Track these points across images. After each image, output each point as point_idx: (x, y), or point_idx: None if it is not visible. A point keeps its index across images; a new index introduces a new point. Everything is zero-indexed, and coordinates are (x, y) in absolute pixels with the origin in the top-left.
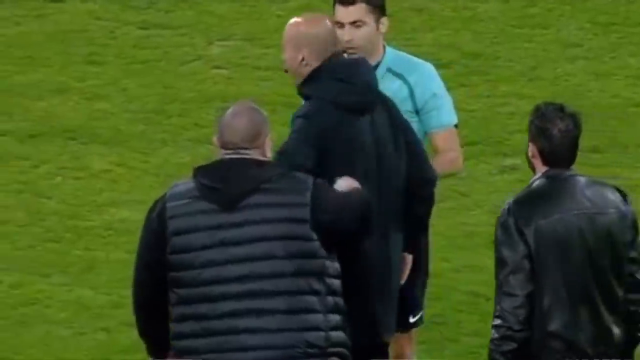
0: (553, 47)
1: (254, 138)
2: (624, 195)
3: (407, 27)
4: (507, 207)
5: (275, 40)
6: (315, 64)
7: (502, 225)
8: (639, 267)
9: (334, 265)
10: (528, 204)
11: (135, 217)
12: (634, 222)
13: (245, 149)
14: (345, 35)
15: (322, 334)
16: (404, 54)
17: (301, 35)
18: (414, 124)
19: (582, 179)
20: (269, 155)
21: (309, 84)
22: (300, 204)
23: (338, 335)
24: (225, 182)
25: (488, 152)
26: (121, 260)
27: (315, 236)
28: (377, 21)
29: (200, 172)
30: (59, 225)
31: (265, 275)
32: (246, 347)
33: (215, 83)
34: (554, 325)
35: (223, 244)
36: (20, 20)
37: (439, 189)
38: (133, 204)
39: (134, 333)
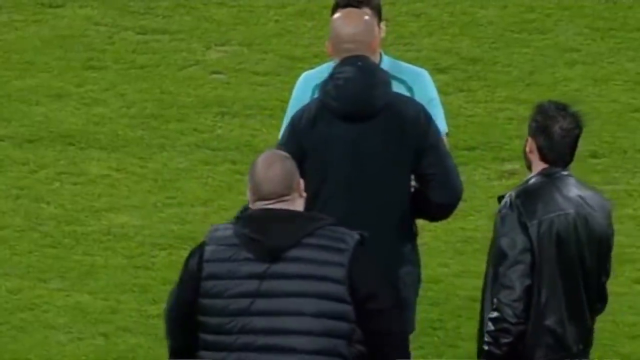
0: (551, 52)
1: (290, 184)
2: (610, 206)
3: (406, 32)
4: (508, 200)
5: (273, 45)
6: (335, 56)
7: (504, 218)
8: (607, 279)
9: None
10: (530, 198)
11: (134, 222)
12: (613, 234)
13: (286, 195)
14: None
15: None
16: (399, 61)
17: (331, 27)
18: None
19: (576, 181)
20: (304, 194)
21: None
22: (337, 263)
23: None
24: (267, 234)
25: (486, 158)
26: (119, 265)
27: (349, 299)
28: (378, 26)
29: (242, 221)
30: (57, 231)
31: (292, 331)
32: None
33: (214, 88)
34: (549, 320)
35: (255, 295)
36: (18, 25)
37: None
38: (131, 209)
39: (132, 338)
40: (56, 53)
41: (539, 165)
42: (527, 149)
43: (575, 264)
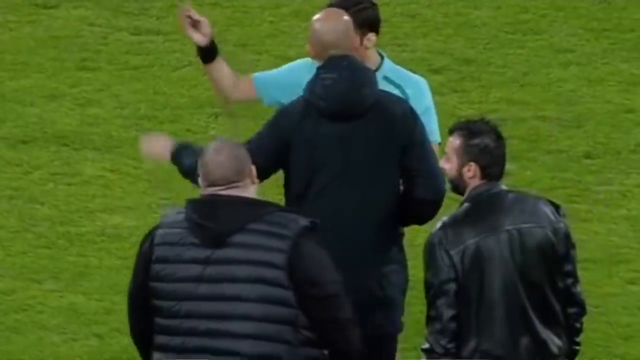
0: (545, 53)
1: (241, 170)
2: (557, 208)
3: (400, 33)
4: (432, 232)
5: (267, 46)
6: (317, 59)
7: (428, 249)
8: (575, 280)
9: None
10: (454, 227)
11: (128, 223)
12: (567, 234)
13: (237, 182)
14: None
15: None
16: (400, 67)
17: (310, 29)
18: None
19: (511, 195)
20: (257, 181)
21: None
22: (279, 249)
23: None
24: (212, 220)
25: None
26: (114, 266)
27: (289, 284)
28: (363, 36)
29: (191, 205)
30: (51, 232)
31: (232, 317)
32: None
33: (207, 89)
34: (487, 345)
35: (199, 279)
36: (12, 26)
37: None
38: (125, 210)
39: (126, 339)
40: (50, 54)
41: (472, 185)
42: (469, 175)
43: (515, 283)
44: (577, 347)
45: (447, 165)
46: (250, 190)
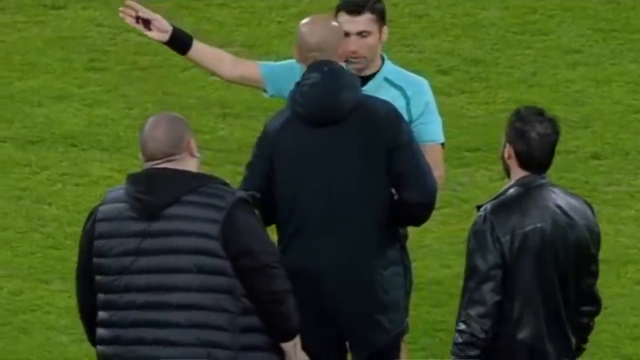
0: (553, 54)
1: (177, 144)
2: (591, 208)
3: (408, 34)
4: (482, 214)
5: (275, 46)
6: (302, 62)
7: (477, 233)
8: (595, 280)
9: None
10: (504, 212)
11: None
12: (599, 235)
13: (173, 155)
14: (351, 45)
15: (228, 352)
16: (401, 68)
17: (297, 34)
18: None
19: (555, 189)
20: (197, 155)
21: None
22: (213, 220)
23: (251, 356)
24: (149, 193)
25: (489, 159)
26: None
27: (224, 254)
28: (380, 30)
29: (129, 180)
30: (59, 232)
31: (170, 288)
32: (150, 358)
33: (215, 89)
34: (523, 334)
35: (137, 253)
36: (21, 26)
37: (440, 196)
38: None
39: None
40: (58, 54)
41: (517, 173)
42: (506, 155)
43: (553, 277)
44: (586, 346)
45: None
46: (190, 163)
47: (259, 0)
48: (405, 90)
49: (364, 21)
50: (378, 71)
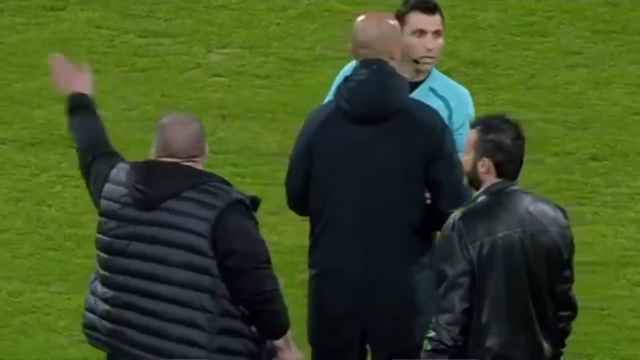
0: (552, 55)
1: (200, 145)
2: (564, 213)
3: None
4: (452, 221)
5: (274, 48)
6: (353, 57)
7: (445, 240)
8: (570, 284)
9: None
10: (473, 220)
11: None
12: (572, 240)
13: (195, 156)
14: (429, 43)
15: (202, 352)
16: (445, 76)
17: (352, 29)
18: None
19: (524, 196)
20: (205, 158)
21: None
22: (205, 218)
23: (223, 358)
24: (149, 185)
25: None
26: None
27: (212, 253)
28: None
29: (133, 167)
30: (58, 234)
31: (157, 279)
32: (132, 342)
33: (215, 91)
34: (491, 342)
35: (131, 238)
36: (20, 28)
37: None
38: None
39: None
40: None
41: (489, 181)
42: (483, 170)
43: (524, 284)
44: (564, 350)
45: (465, 158)
46: (199, 164)
47: (259, 2)
48: (449, 101)
49: (439, 20)
50: (426, 79)
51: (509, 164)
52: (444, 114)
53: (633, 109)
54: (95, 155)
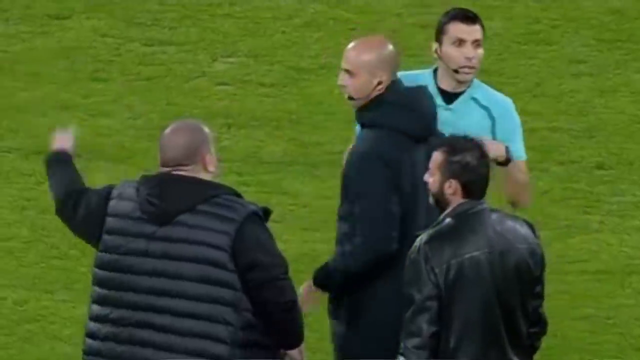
0: (557, 64)
1: (191, 155)
2: (532, 229)
3: (412, 44)
4: (418, 245)
5: (279, 56)
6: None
7: (411, 264)
8: (541, 301)
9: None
10: (439, 243)
11: None
12: (542, 256)
13: (185, 165)
14: (470, 52)
15: None
16: (487, 87)
17: (378, 59)
18: None
19: (492, 214)
20: (212, 169)
21: (375, 109)
22: (224, 231)
23: None
24: (162, 199)
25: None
26: None
27: (232, 267)
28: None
29: (143, 181)
30: (63, 242)
31: (173, 294)
32: None
33: (220, 99)
34: None
35: (144, 254)
36: (25, 37)
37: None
38: None
39: None
40: (63, 64)
41: (455, 203)
42: (450, 191)
43: (493, 304)
44: None
45: (430, 179)
46: (202, 176)
47: (264, 10)
48: (492, 111)
49: (479, 30)
50: (467, 89)
51: (475, 184)
52: (486, 123)
53: (639, 118)
54: (79, 192)
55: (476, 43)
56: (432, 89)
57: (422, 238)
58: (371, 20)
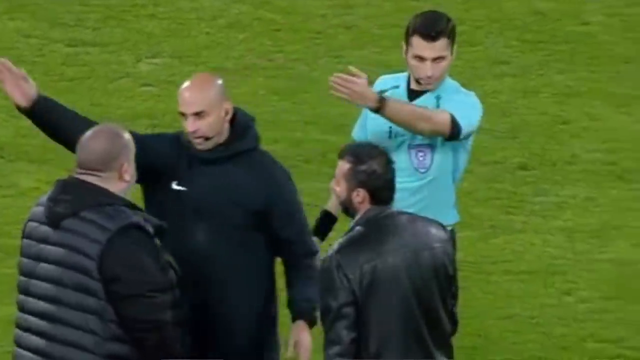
0: (481, 64)
1: (108, 162)
2: (443, 227)
3: (336, 45)
4: (330, 254)
5: (203, 57)
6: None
7: (324, 273)
8: (456, 300)
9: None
10: (351, 249)
11: None
12: (454, 255)
13: (98, 170)
14: (428, 70)
15: None
16: (457, 85)
17: (223, 90)
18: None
19: (401, 217)
20: (127, 179)
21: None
22: (95, 240)
23: None
24: (56, 201)
25: None
26: None
27: (97, 275)
28: (452, 51)
29: (54, 184)
30: None
31: (50, 299)
32: None
33: (144, 100)
34: None
35: (38, 258)
36: None
37: None
38: None
39: None
40: None
41: (363, 209)
42: (358, 200)
43: (412, 306)
44: None
45: (337, 188)
46: (116, 185)
47: (188, 11)
48: (439, 93)
49: (440, 47)
50: (434, 89)
51: (383, 191)
52: (431, 102)
53: (561, 118)
54: None
55: (437, 60)
56: (403, 90)
57: (333, 247)
58: (295, 21)
